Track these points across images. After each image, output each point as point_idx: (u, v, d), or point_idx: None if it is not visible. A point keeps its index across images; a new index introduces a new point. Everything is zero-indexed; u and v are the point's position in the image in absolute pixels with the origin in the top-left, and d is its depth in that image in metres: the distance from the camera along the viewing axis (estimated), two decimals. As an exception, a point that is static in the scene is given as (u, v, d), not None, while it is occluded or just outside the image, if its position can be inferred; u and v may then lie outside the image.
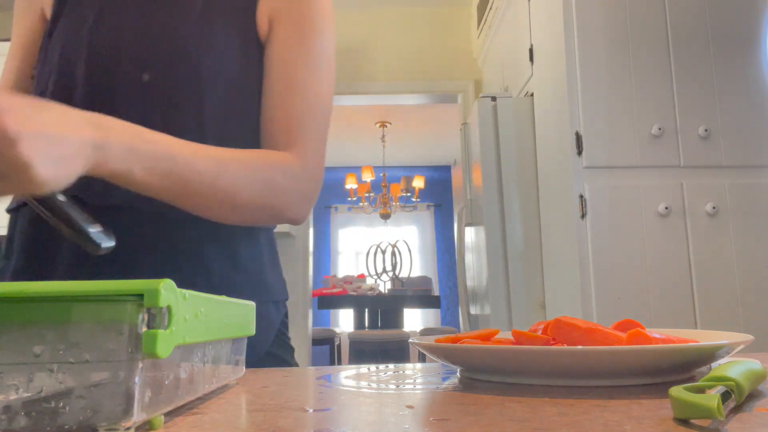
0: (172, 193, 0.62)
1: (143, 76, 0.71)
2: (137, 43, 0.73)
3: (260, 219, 0.71)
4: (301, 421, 0.32)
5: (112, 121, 0.57)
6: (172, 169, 0.60)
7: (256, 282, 0.76)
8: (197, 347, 0.37)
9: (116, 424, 0.27)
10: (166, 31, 0.73)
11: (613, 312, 1.84)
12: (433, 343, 0.48)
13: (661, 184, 1.94)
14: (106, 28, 0.74)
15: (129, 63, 0.72)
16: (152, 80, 0.71)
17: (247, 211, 0.68)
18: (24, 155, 0.45)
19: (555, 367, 0.42)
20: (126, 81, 0.71)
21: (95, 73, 0.72)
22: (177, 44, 0.73)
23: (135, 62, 0.72)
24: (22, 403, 0.27)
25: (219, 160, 0.65)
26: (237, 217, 0.69)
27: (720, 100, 1.99)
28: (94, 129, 0.54)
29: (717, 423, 0.29)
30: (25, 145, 0.45)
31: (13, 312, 0.28)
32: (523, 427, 0.29)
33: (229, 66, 0.74)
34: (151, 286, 0.28)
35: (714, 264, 1.89)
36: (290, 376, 0.53)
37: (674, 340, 0.44)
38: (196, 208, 0.65)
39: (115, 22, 0.74)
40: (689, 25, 2.04)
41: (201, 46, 0.73)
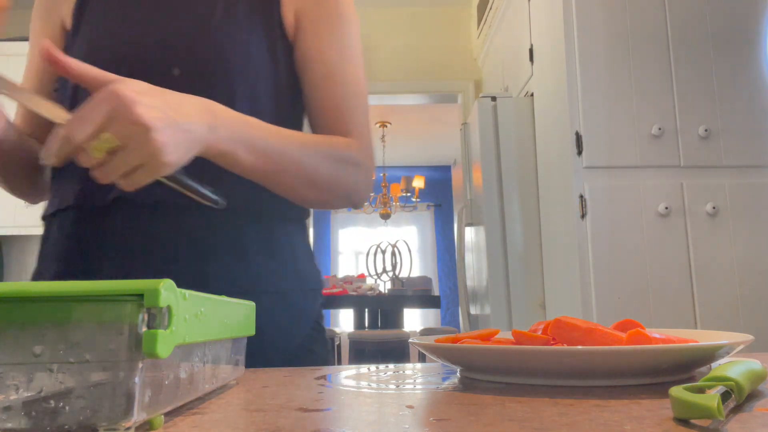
0: (266, 173, 0.66)
1: (173, 70, 0.72)
2: (165, 39, 0.73)
3: (334, 201, 0.76)
4: (301, 421, 0.32)
5: (216, 105, 0.61)
6: (266, 149, 0.64)
7: (292, 270, 0.77)
8: (197, 347, 0.37)
9: (116, 424, 0.27)
10: (192, 25, 0.74)
11: (613, 312, 1.84)
12: (433, 343, 0.48)
13: (661, 184, 1.94)
14: (132, 29, 0.74)
15: (158, 59, 0.72)
16: (183, 74, 0.72)
17: (325, 191, 0.73)
18: (159, 142, 0.49)
19: (555, 367, 0.42)
20: (156, 76, 0.71)
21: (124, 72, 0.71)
22: (204, 38, 0.74)
23: (164, 58, 0.72)
24: (22, 403, 0.27)
25: (301, 143, 0.69)
26: (316, 196, 0.73)
27: (720, 100, 1.99)
28: (207, 113, 0.58)
29: (717, 423, 0.29)
30: (159, 133, 0.50)
31: (13, 312, 0.28)
32: (523, 427, 0.29)
33: (256, 60, 0.76)
34: (150, 286, 0.28)
35: (714, 264, 1.89)
36: (290, 376, 0.53)
37: (674, 340, 0.44)
38: (283, 188, 0.70)
39: (140, 22, 0.75)
40: (689, 25, 2.04)
41: (228, 39, 0.74)
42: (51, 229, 0.75)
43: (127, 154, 0.49)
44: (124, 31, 0.74)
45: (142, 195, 0.66)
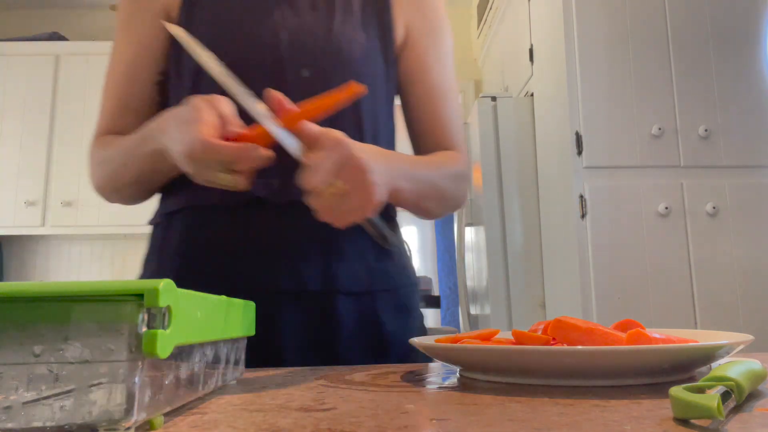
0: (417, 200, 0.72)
1: (303, 71, 0.73)
2: (293, 40, 0.73)
3: (450, 210, 0.81)
4: (301, 421, 0.32)
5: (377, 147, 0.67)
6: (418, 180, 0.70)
7: (401, 267, 0.80)
8: (197, 347, 0.37)
9: (116, 424, 0.27)
10: (318, 29, 0.75)
11: (613, 312, 1.84)
12: (433, 343, 0.48)
13: (661, 184, 1.94)
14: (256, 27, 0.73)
15: (289, 60, 0.73)
16: (311, 77, 0.73)
17: (448, 205, 0.78)
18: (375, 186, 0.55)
19: (555, 367, 0.42)
20: (289, 78, 0.72)
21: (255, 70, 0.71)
22: (330, 42, 0.74)
23: (293, 59, 0.73)
24: (22, 403, 0.27)
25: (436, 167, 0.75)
26: (439, 211, 0.78)
27: (720, 100, 1.99)
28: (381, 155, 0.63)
29: (717, 423, 0.29)
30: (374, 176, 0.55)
31: (13, 312, 0.28)
32: (523, 427, 0.29)
33: (373, 66, 0.78)
34: (150, 286, 0.28)
35: (714, 264, 1.89)
36: (290, 376, 0.53)
37: (674, 340, 0.44)
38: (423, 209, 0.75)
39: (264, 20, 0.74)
40: (689, 25, 2.04)
41: (349, 41, 0.75)
42: (173, 225, 0.74)
43: (351, 197, 0.55)
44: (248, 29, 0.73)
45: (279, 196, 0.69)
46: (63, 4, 3.30)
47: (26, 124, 2.85)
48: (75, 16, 3.33)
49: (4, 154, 2.83)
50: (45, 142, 2.84)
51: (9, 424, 0.27)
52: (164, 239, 0.75)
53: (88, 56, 2.94)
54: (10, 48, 2.92)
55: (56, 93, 2.90)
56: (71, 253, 3.12)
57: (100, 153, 0.76)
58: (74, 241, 3.11)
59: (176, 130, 0.59)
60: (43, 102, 2.87)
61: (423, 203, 0.73)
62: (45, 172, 2.83)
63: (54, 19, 3.30)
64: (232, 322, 0.43)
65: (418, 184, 0.69)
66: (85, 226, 2.80)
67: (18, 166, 2.83)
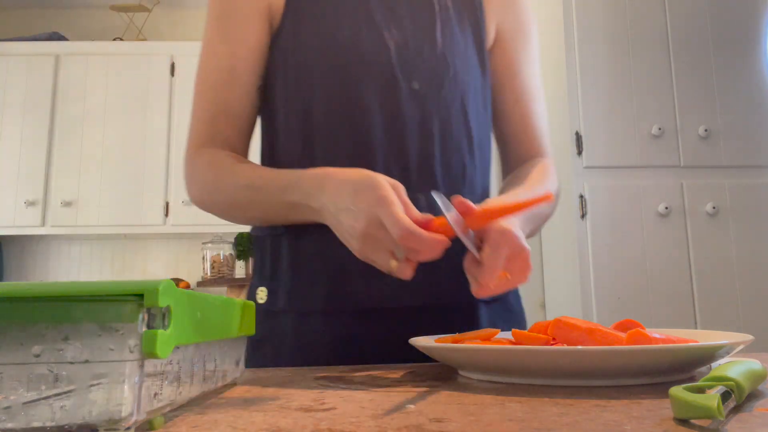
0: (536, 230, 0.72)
1: (413, 84, 0.71)
2: (403, 52, 0.72)
3: None
4: (301, 421, 0.32)
5: None
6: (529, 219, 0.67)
7: None
8: (197, 347, 0.37)
9: (116, 424, 0.27)
10: (424, 41, 0.73)
11: (613, 312, 1.84)
12: (433, 343, 0.48)
13: (661, 184, 1.93)
14: (369, 39, 0.71)
15: (401, 73, 0.71)
16: (422, 89, 0.71)
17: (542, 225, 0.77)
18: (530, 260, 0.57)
19: (555, 367, 0.42)
20: (401, 92, 0.71)
21: (369, 84, 0.70)
22: (436, 53, 0.73)
23: (405, 72, 0.71)
24: (22, 403, 0.27)
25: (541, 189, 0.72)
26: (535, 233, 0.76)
27: (720, 100, 1.99)
28: None
29: (717, 423, 0.29)
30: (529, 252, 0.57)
31: (13, 312, 0.28)
32: (523, 427, 0.29)
33: (474, 73, 0.76)
34: (150, 287, 0.28)
35: (714, 264, 1.89)
36: (290, 376, 0.53)
37: (674, 340, 0.44)
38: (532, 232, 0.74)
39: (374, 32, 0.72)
40: (689, 25, 2.04)
41: (451, 51, 0.74)
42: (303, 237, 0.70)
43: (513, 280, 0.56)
44: (358, 42, 0.71)
45: None
46: (63, 4, 3.30)
47: (26, 124, 2.85)
48: (75, 16, 3.33)
49: (4, 154, 2.83)
50: (45, 142, 2.84)
51: (9, 424, 0.27)
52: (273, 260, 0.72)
53: (88, 56, 2.94)
54: (10, 48, 2.92)
55: (56, 93, 2.90)
56: (71, 253, 3.12)
57: (208, 174, 0.71)
58: (74, 241, 3.11)
59: (352, 199, 0.55)
60: (43, 102, 2.87)
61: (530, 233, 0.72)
62: (45, 172, 2.83)
63: (54, 19, 3.30)
64: (232, 322, 0.43)
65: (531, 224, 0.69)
66: (85, 226, 2.80)
67: (18, 166, 2.83)
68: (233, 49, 0.73)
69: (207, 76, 0.74)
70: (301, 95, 0.71)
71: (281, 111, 0.73)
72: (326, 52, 0.71)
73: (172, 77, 2.94)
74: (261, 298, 0.72)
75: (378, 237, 0.53)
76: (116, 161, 2.85)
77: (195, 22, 3.34)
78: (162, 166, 2.84)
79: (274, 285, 0.72)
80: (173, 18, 3.34)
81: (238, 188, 0.68)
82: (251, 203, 0.68)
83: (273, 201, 0.66)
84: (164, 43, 3.03)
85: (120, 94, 2.91)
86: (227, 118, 0.73)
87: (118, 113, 2.89)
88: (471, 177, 0.75)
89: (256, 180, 0.67)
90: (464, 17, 0.78)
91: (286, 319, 0.70)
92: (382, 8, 0.73)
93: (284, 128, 0.73)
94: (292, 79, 0.72)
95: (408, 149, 0.70)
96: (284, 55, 0.73)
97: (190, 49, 2.97)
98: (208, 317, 0.36)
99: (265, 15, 0.74)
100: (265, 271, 0.73)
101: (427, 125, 0.71)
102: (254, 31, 0.73)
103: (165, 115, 2.89)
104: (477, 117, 0.76)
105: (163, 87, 2.91)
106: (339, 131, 0.70)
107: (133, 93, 2.91)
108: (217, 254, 2.89)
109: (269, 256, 0.73)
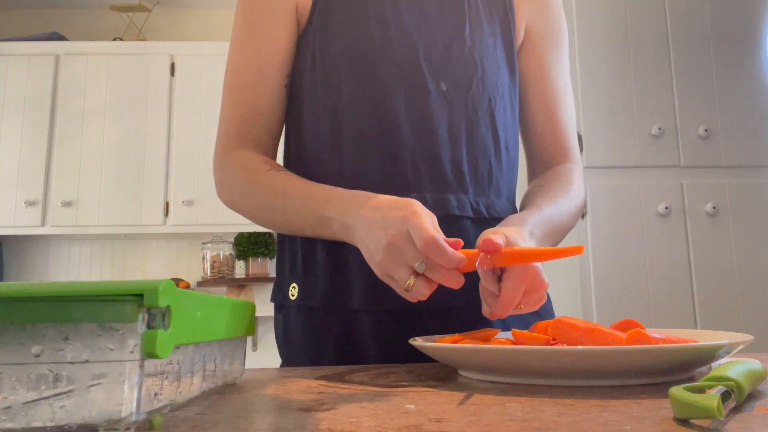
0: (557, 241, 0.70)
1: (441, 85, 0.71)
2: (432, 53, 0.72)
3: None
4: (301, 421, 0.32)
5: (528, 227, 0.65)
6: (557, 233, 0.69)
7: None
8: (197, 347, 0.37)
9: (116, 424, 0.27)
10: (453, 41, 0.73)
11: (613, 312, 1.84)
12: (433, 343, 0.48)
13: (661, 184, 1.93)
14: (398, 40, 0.71)
15: (429, 72, 0.71)
16: (450, 89, 0.71)
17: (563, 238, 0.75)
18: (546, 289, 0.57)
19: (555, 367, 0.42)
20: (432, 92, 0.71)
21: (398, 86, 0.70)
22: (465, 53, 0.73)
23: (434, 73, 0.71)
24: (22, 403, 0.27)
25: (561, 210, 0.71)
26: None
27: (720, 100, 1.99)
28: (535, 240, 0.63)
29: (717, 423, 0.29)
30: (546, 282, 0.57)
31: (13, 312, 0.28)
32: (523, 427, 0.29)
33: (502, 74, 0.76)
34: (150, 287, 0.28)
35: (714, 264, 1.89)
36: (290, 376, 0.53)
37: (674, 340, 0.44)
38: None
39: (403, 32, 0.72)
40: (689, 24, 2.04)
41: (482, 54, 0.74)
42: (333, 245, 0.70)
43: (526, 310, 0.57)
44: (387, 43, 0.71)
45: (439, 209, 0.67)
46: (63, 4, 3.30)
47: (26, 124, 2.85)
48: (75, 16, 3.33)
49: (4, 154, 2.83)
50: (45, 142, 2.84)
51: (9, 424, 0.27)
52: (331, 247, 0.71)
53: (88, 56, 2.94)
54: (10, 48, 2.92)
55: (56, 93, 2.90)
56: (71, 253, 3.12)
57: (241, 177, 0.71)
58: (74, 241, 3.11)
59: (381, 215, 0.56)
60: (43, 102, 2.87)
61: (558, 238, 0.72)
62: (45, 172, 2.83)
63: (54, 19, 3.30)
64: (232, 322, 0.43)
65: (551, 240, 0.68)
66: (85, 226, 2.80)
67: (18, 166, 2.83)
68: (261, 49, 0.74)
69: (236, 77, 0.74)
70: (329, 95, 0.71)
71: (308, 110, 0.73)
72: (354, 52, 0.71)
73: (172, 77, 2.94)
74: (293, 294, 0.72)
75: (402, 248, 0.52)
76: (116, 161, 2.85)
77: (195, 22, 3.34)
78: (162, 166, 2.84)
79: (307, 282, 0.71)
80: (173, 18, 3.34)
81: (272, 197, 0.68)
82: (284, 213, 0.68)
83: (306, 214, 0.65)
84: (164, 43, 3.03)
85: (120, 94, 2.91)
86: (257, 118, 0.74)
87: (118, 113, 2.89)
88: (497, 179, 0.75)
89: (290, 191, 0.67)
90: (494, 17, 0.78)
91: (321, 316, 0.70)
92: (410, 8, 0.73)
93: (312, 128, 0.73)
94: (320, 79, 0.72)
95: (436, 150, 0.70)
96: (312, 55, 0.73)
97: (190, 49, 2.97)
98: (208, 317, 0.36)
99: (292, 15, 0.74)
100: (296, 268, 0.73)
101: (455, 126, 0.71)
102: (282, 32, 0.74)
103: (165, 115, 2.88)
104: (504, 119, 0.76)
105: (163, 87, 2.91)
106: (367, 131, 0.70)
107: (133, 93, 2.91)
108: (217, 254, 2.89)
109: (301, 253, 0.73)
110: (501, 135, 0.75)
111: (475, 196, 0.72)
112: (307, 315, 0.72)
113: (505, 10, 0.79)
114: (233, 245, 2.91)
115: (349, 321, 0.69)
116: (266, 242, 2.89)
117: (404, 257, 0.53)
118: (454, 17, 0.74)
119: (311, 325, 0.71)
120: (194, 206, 2.77)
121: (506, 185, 0.77)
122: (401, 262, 0.53)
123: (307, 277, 0.71)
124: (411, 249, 0.52)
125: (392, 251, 0.53)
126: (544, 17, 0.81)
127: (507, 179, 0.77)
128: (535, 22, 0.80)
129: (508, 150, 0.76)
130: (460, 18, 0.75)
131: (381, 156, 0.69)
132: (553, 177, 0.76)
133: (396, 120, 0.69)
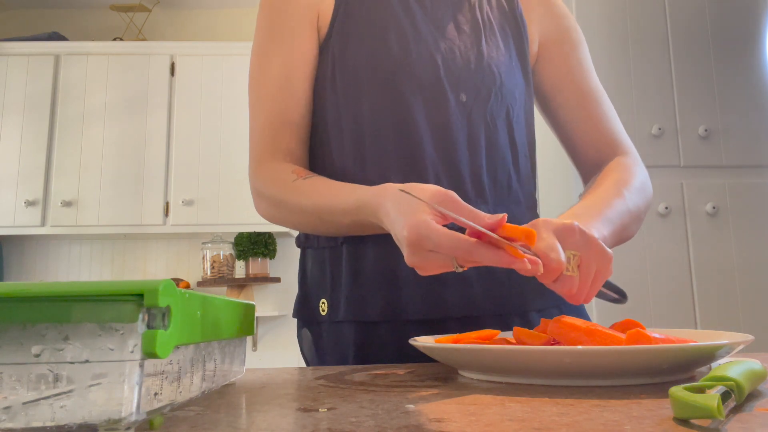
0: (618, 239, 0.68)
1: (461, 96, 0.72)
2: (451, 65, 0.72)
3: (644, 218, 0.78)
4: (301, 421, 0.32)
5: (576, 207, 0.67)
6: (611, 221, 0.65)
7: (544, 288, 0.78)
8: (197, 347, 0.37)
9: (116, 424, 0.27)
10: (471, 50, 0.74)
11: (613, 312, 1.84)
12: (433, 343, 0.48)
13: (661, 184, 1.93)
14: (418, 53, 0.72)
15: (449, 83, 0.72)
16: (469, 100, 0.72)
17: (643, 217, 0.74)
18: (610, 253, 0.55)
19: (555, 367, 0.42)
20: (452, 103, 0.71)
21: (418, 97, 0.71)
22: (482, 66, 0.74)
23: (453, 84, 0.72)
24: (22, 403, 0.27)
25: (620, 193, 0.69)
26: (639, 227, 0.74)
27: (720, 100, 1.99)
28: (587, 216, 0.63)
29: (717, 423, 0.29)
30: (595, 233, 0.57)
31: (13, 312, 0.28)
32: (523, 427, 0.29)
33: (519, 85, 0.77)
34: (150, 287, 0.28)
35: (714, 264, 1.89)
36: (290, 376, 0.53)
37: (674, 340, 0.44)
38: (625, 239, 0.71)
39: (422, 45, 0.72)
40: (689, 24, 2.04)
41: (500, 65, 0.75)
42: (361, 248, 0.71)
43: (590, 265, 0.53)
44: (407, 56, 0.71)
45: None
46: (63, 4, 3.30)
47: (26, 124, 2.85)
48: (75, 16, 3.33)
49: (4, 154, 2.83)
50: (45, 142, 2.84)
51: (9, 424, 0.27)
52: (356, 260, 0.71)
53: (88, 56, 2.94)
54: (10, 48, 2.92)
55: (56, 93, 2.90)
56: (71, 253, 3.12)
57: (272, 190, 0.71)
58: (74, 241, 3.11)
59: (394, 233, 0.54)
60: (43, 102, 2.87)
61: (624, 235, 0.70)
62: (45, 172, 2.82)
63: (54, 19, 3.30)
64: (232, 322, 0.43)
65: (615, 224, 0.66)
66: (85, 226, 2.80)
67: (18, 166, 2.83)
68: (286, 58, 0.74)
69: (263, 89, 0.75)
70: (350, 106, 0.72)
71: (331, 121, 0.74)
72: (373, 65, 0.71)
73: (172, 77, 2.94)
74: (323, 310, 0.73)
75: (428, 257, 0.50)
76: (116, 161, 2.85)
77: (195, 22, 3.34)
78: (162, 166, 2.84)
79: (335, 296, 0.72)
80: (173, 18, 3.34)
81: (303, 207, 0.68)
82: (318, 221, 0.68)
83: (341, 223, 0.66)
84: (164, 43, 3.03)
85: (120, 94, 2.91)
86: (288, 128, 0.74)
87: (118, 113, 2.89)
88: (516, 188, 0.76)
89: (318, 199, 0.66)
90: (507, 30, 0.79)
91: (348, 329, 0.70)
92: (426, 21, 0.74)
93: (335, 136, 0.74)
94: (340, 89, 0.73)
95: (457, 161, 0.71)
96: (332, 65, 0.73)
97: (190, 49, 2.97)
98: (208, 317, 0.36)
99: (314, 24, 0.75)
100: (325, 282, 0.74)
101: (475, 137, 0.72)
102: (305, 40, 0.74)
103: (165, 115, 2.88)
104: (521, 128, 0.77)
105: (163, 87, 2.91)
106: (388, 142, 0.71)
107: (133, 93, 2.91)
108: (217, 254, 2.89)
109: (329, 267, 0.73)
110: (519, 144, 0.76)
111: (494, 205, 0.73)
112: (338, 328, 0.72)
113: (517, 23, 0.81)
114: (233, 245, 2.91)
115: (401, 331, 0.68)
116: (266, 242, 2.89)
117: (438, 264, 0.51)
118: (469, 30, 0.76)
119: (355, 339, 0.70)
120: (194, 206, 2.77)
121: (525, 192, 0.78)
122: (437, 267, 0.51)
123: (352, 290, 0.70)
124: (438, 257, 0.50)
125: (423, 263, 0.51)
126: (555, 26, 0.83)
127: (526, 186, 0.78)
128: (547, 34, 0.82)
129: (527, 157, 0.78)
130: (476, 30, 0.76)
131: (403, 166, 0.70)
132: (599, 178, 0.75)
133: (417, 131, 0.70)
